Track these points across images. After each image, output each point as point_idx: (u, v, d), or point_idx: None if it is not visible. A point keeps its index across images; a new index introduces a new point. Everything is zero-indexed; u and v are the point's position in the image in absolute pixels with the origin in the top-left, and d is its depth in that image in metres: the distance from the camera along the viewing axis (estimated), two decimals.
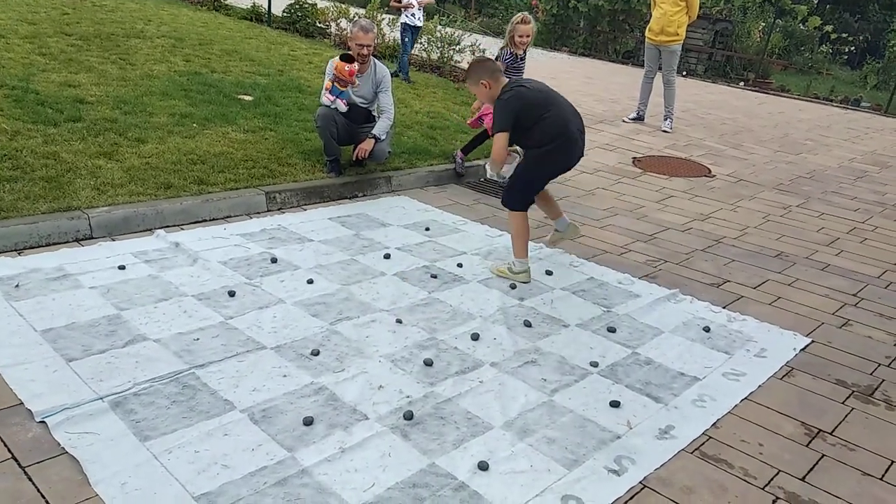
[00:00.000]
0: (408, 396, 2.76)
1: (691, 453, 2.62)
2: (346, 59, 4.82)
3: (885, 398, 3.15)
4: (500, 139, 3.75)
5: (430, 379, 2.90)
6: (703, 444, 2.69)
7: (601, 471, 2.45)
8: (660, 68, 8.55)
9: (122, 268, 3.54)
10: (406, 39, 8.87)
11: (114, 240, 3.89)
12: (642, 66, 8.92)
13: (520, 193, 4.01)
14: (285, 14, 10.93)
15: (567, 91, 7.31)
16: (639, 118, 8.88)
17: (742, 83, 15.48)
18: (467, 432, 2.58)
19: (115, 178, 4.34)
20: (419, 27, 8.98)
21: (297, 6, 10.82)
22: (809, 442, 2.77)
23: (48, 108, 5.26)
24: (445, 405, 2.73)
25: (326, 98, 4.89)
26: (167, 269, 3.60)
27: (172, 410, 2.52)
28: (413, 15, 8.75)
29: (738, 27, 16.80)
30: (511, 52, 5.54)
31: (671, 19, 8.24)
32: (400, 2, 8.77)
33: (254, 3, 11.47)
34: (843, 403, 3.07)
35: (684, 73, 14.98)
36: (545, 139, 3.82)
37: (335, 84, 4.86)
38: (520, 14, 5.61)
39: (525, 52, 5.65)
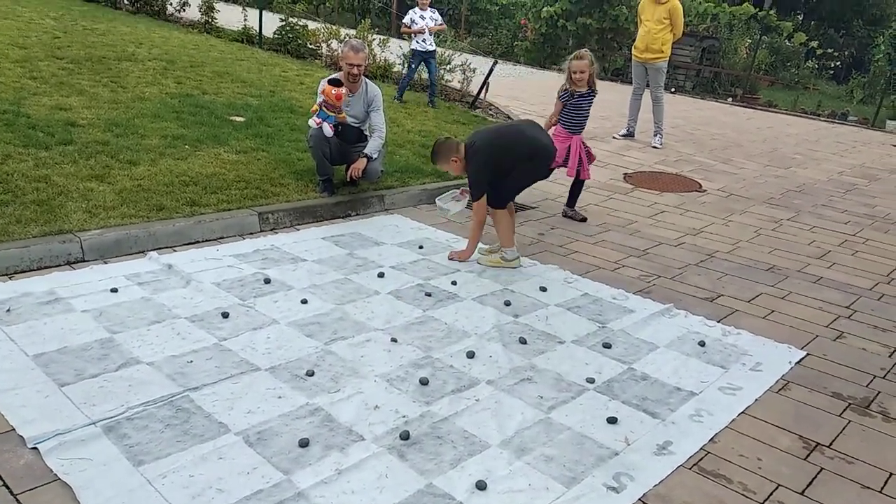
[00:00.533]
0: (404, 416, 2.74)
1: (690, 469, 2.61)
2: (335, 83, 4.84)
3: (881, 410, 3.15)
4: (480, 206, 4.29)
5: (425, 398, 2.88)
6: (702, 459, 2.67)
7: (600, 488, 2.43)
8: (648, 85, 8.63)
9: (114, 290, 3.52)
10: (413, 66, 8.80)
11: (106, 262, 3.87)
12: (630, 83, 9.00)
13: (503, 197, 4.41)
14: (276, 35, 10.98)
15: None
16: (629, 134, 8.94)
17: (730, 99, 15.64)
18: (464, 451, 2.56)
19: (106, 200, 4.33)
20: (431, 51, 8.76)
21: (287, 28, 10.88)
22: (808, 455, 2.76)
23: (39, 131, 5.26)
24: (442, 424, 2.71)
25: (314, 121, 4.89)
26: (160, 292, 3.58)
27: (166, 434, 2.50)
28: (424, 40, 8.60)
29: (724, 44, 17.01)
30: (567, 90, 5.21)
31: (655, 37, 8.34)
32: (410, 27, 8.65)
33: (245, 25, 11.53)
34: (839, 416, 3.07)
35: (673, 89, 15.12)
36: (526, 161, 4.32)
37: (322, 108, 4.87)
38: (577, 51, 5.25)
39: (592, 90, 5.26)
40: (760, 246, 5.35)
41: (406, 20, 8.71)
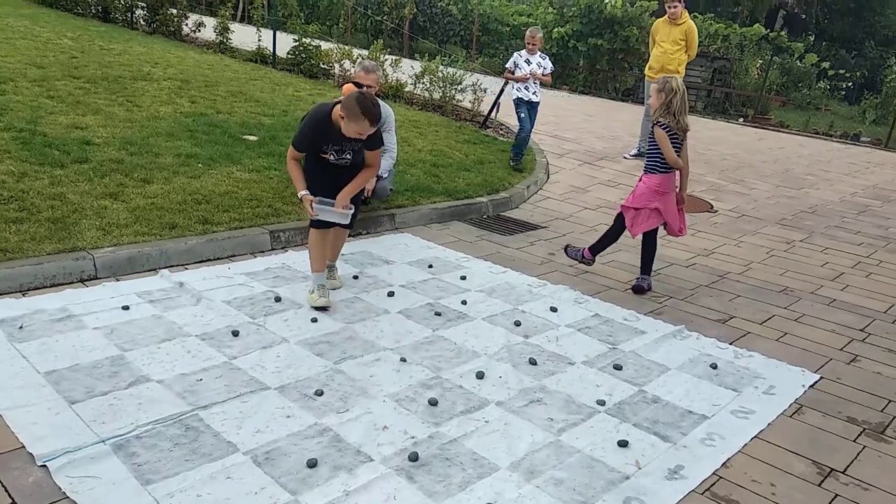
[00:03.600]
0: (413, 437, 2.73)
1: (702, 494, 2.57)
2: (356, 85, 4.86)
3: None
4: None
5: (434, 419, 2.87)
6: (714, 484, 2.64)
7: None
8: None
9: (125, 308, 3.54)
10: (522, 115, 7.25)
11: (118, 280, 3.90)
12: (642, 103, 9.02)
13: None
14: (290, 56, 11.10)
15: (568, 128, 7.35)
16: (640, 155, 8.93)
17: (741, 119, 15.63)
18: (473, 474, 2.54)
19: (120, 218, 4.37)
20: (536, 103, 7.35)
21: (301, 48, 11.00)
22: (822, 481, 2.72)
23: (55, 149, 5.32)
24: (451, 446, 2.70)
25: None
26: (171, 309, 3.60)
27: (175, 453, 2.49)
28: (527, 88, 7.26)
29: (735, 65, 17.04)
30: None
31: (671, 57, 8.36)
32: (513, 73, 7.29)
33: (259, 46, 11.66)
34: (854, 441, 3.03)
35: None
36: None
37: None
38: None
39: (679, 122, 4.34)
40: (773, 267, 5.32)
41: (509, 64, 7.39)
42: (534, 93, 7.29)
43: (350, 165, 3.84)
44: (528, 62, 7.24)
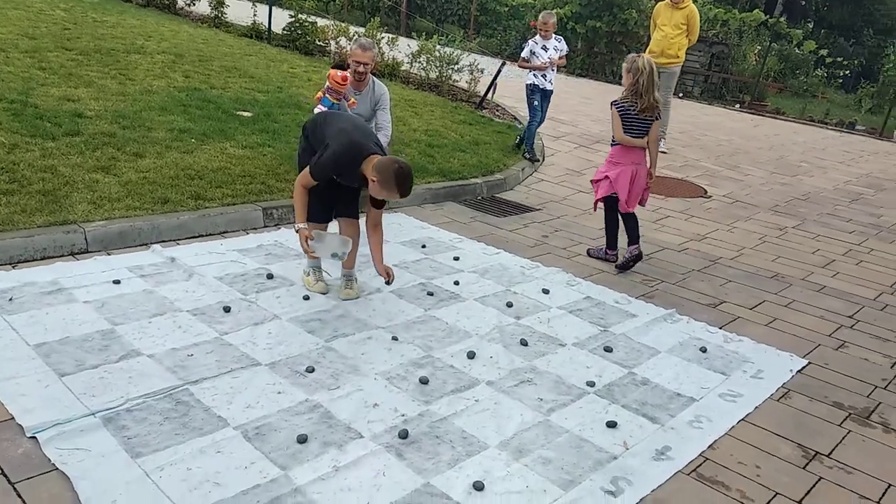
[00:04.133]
0: (403, 415, 2.74)
1: (688, 475, 2.60)
2: (339, 68, 4.82)
3: (882, 421, 3.13)
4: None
5: (425, 397, 2.88)
6: (700, 465, 2.67)
7: (598, 492, 2.43)
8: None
9: (116, 282, 3.52)
10: (535, 103, 7.02)
11: (109, 254, 3.88)
12: None
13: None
14: (285, 32, 10.99)
15: (565, 111, 7.33)
16: None
17: (738, 105, 15.60)
18: (462, 452, 2.56)
19: (112, 192, 4.34)
20: (550, 91, 7.08)
21: (297, 24, 10.88)
22: (807, 464, 2.75)
23: (47, 121, 5.27)
24: (441, 424, 2.71)
25: (318, 109, 4.88)
26: (162, 284, 3.59)
27: (165, 427, 2.50)
28: (544, 76, 6.96)
29: (734, 50, 16.97)
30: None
31: (672, 42, 8.31)
32: (529, 62, 6.99)
33: (254, 21, 11.54)
34: (839, 426, 3.06)
35: (680, 94, 15.09)
36: None
37: (326, 95, 4.85)
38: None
39: (646, 100, 4.45)
40: (765, 253, 5.34)
41: (525, 53, 7.06)
42: (549, 80, 6.99)
43: (358, 187, 3.63)
44: (544, 49, 6.92)
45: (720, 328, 3.89)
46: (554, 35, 7.02)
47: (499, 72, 8.83)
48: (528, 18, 18.35)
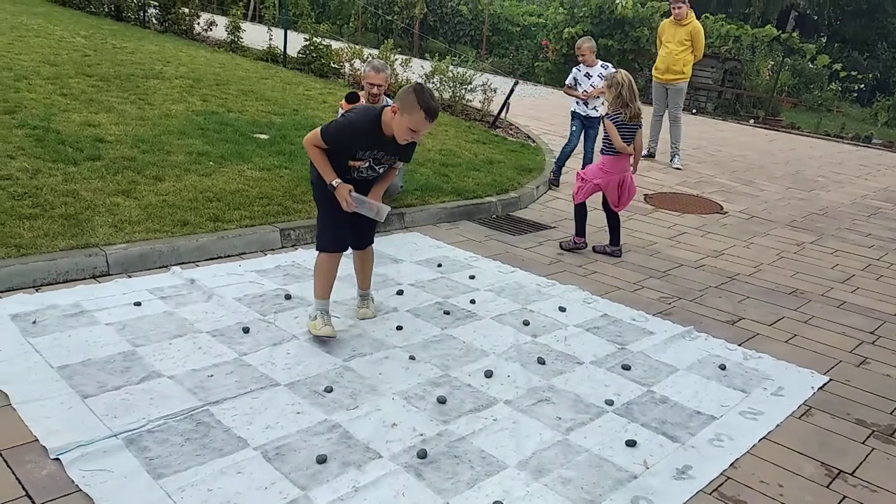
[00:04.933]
0: (421, 434, 2.74)
1: (710, 494, 2.58)
2: (351, 98, 4.89)
3: None
4: None
5: (443, 417, 2.88)
6: (722, 484, 2.64)
7: None
8: (667, 106, 8.64)
9: (137, 304, 3.57)
10: (574, 129, 6.90)
11: (130, 276, 3.93)
12: (651, 104, 9.00)
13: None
14: (300, 55, 11.14)
15: None
16: (650, 155, 8.93)
17: (752, 120, 15.56)
18: (482, 472, 2.55)
19: (132, 215, 4.40)
20: (595, 118, 6.76)
21: (311, 47, 11.04)
22: (830, 483, 2.72)
23: (68, 147, 5.37)
24: (459, 444, 2.71)
25: None
26: (182, 306, 3.63)
27: (186, 448, 2.52)
28: (587, 104, 6.76)
29: (747, 66, 16.95)
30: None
31: (676, 58, 8.36)
32: (572, 88, 6.81)
33: (269, 45, 11.72)
34: (863, 444, 3.02)
35: (694, 110, 15.10)
36: None
37: None
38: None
39: (631, 109, 4.95)
40: (782, 269, 5.30)
41: (568, 80, 6.88)
42: (594, 108, 6.74)
43: (372, 181, 3.48)
44: (587, 76, 6.70)
45: (739, 345, 3.86)
46: (601, 62, 6.82)
47: (511, 91, 8.88)
48: (539, 38, 18.48)
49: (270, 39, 11.73)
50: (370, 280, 3.81)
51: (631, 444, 2.80)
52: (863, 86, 21.34)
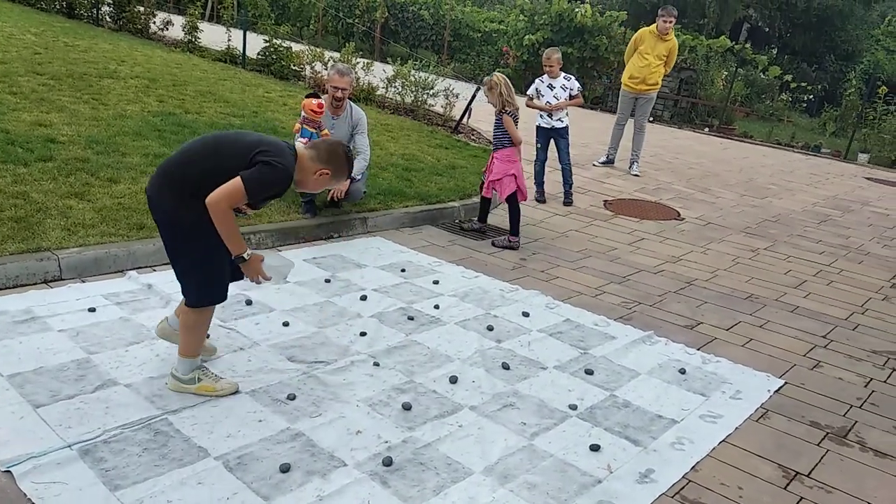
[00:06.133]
0: (386, 442, 2.72)
1: (672, 497, 2.61)
2: (312, 96, 4.84)
3: (858, 440, 3.18)
4: None
5: (408, 423, 2.86)
6: (683, 487, 2.68)
7: None
8: (632, 115, 8.75)
9: (92, 310, 3.46)
10: (538, 145, 6.86)
11: (84, 281, 3.81)
12: (611, 111, 9.12)
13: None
14: (260, 56, 11.00)
15: (534, 135, 7.36)
16: (609, 162, 9.05)
17: (707, 129, 15.93)
18: (447, 478, 2.54)
19: (86, 218, 4.27)
20: (560, 129, 6.79)
21: (271, 49, 10.91)
22: (787, 484, 2.78)
23: (18, 147, 5.19)
24: (425, 450, 2.69)
25: (300, 143, 4.88)
26: (139, 312, 3.53)
27: (144, 458, 2.45)
28: (551, 116, 6.76)
29: (701, 75, 17.36)
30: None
31: (654, 71, 8.47)
32: (532, 100, 6.80)
33: (228, 46, 11.53)
34: (818, 445, 3.10)
35: (651, 118, 15.37)
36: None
37: (304, 126, 4.86)
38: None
39: (513, 103, 5.52)
40: (738, 274, 5.42)
41: (530, 91, 6.82)
42: (559, 119, 6.73)
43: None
44: (550, 87, 6.68)
45: (698, 349, 3.93)
46: (563, 73, 6.79)
47: (473, 96, 8.91)
48: (500, 44, 18.61)
49: (229, 40, 11.54)
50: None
51: (595, 448, 2.82)
52: (812, 97, 22.04)
